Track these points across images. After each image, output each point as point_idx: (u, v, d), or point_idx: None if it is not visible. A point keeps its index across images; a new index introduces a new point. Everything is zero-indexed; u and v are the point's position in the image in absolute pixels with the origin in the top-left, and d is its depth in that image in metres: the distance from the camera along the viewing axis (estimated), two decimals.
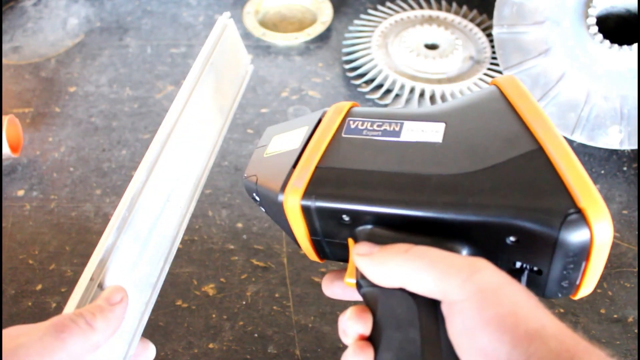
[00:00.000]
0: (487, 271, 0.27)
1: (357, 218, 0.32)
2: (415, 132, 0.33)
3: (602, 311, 0.53)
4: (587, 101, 0.63)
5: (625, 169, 0.65)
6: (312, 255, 0.38)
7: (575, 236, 0.27)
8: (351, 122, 0.35)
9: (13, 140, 0.66)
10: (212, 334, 0.53)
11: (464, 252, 0.30)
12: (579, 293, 0.30)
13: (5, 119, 0.64)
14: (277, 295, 0.55)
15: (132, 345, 0.35)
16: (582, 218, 0.26)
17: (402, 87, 0.71)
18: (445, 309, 0.28)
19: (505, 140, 0.30)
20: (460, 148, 0.31)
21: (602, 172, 0.64)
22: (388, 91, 0.72)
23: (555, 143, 0.29)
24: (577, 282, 0.29)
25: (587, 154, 0.66)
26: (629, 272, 0.56)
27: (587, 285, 0.29)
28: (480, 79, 0.71)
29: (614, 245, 0.58)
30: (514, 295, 0.26)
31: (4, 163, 0.67)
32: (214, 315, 0.54)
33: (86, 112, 0.73)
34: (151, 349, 0.37)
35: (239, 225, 0.60)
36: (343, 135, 0.35)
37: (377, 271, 0.30)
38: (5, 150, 0.63)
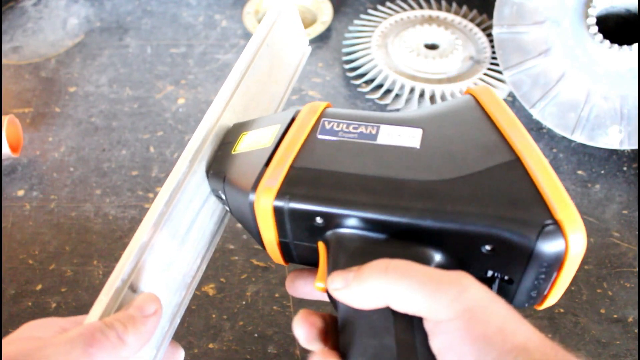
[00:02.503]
0: (473, 289, 0.27)
1: (331, 221, 0.31)
2: (392, 137, 0.32)
3: (602, 311, 0.53)
4: (587, 101, 0.63)
5: (625, 169, 0.65)
6: (278, 258, 0.37)
7: (551, 247, 0.27)
8: (326, 123, 0.34)
9: (13, 140, 0.66)
10: (212, 334, 0.53)
11: (438, 258, 0.30)
12: (545, 303, 0.30)
13: (5, 119, 0.64)
14: (277, 295, 0.55)
15: (161, 349, 0.33)
16: (558, 229, 0.27)
17: (402, 87, 0.71)
18: (429, 326, 0.27)
19: (482, 149, 0.30)
20: (438, 155, 0.31)
21: (602, 172, 0.64)
22: (388, 91, 0.72)
23: (532, 155, 0.29)
24: (545, 293, 0.30)
25: (587, 154, 0.66)
26: (629, 272, 0.56)
27: (554, 295, 0.30)
28: (481, 79, 0.71)
29: (614, 245, 0.58)
30: (500, 312, 0.26)
31: (4, 163, 0.67)
32: (214, 315, 0.54)
33: (86, 112, 0.73)
34: (180, 353, 0.36)
35: (239, 225, 0.60)
36: (318, 136, 0.34)
37: (359, 300, 0.28)
38: (5, 150, 0.63)
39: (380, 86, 0.73)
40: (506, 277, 0.30)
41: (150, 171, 0.66)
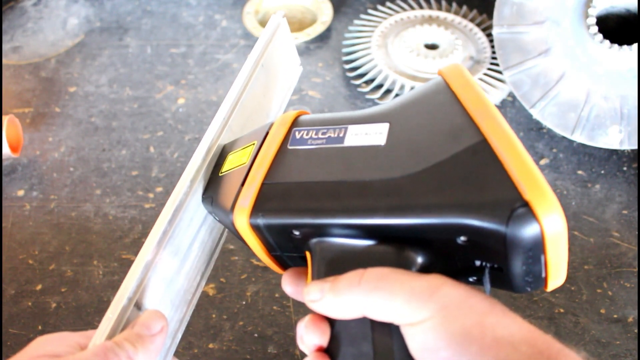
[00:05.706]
0: (446, 288, 0.26)
1: (307, 231, 0.31)
2: (359, 136, 0.32)
3: (602, 311, 0.53)
4: (587, 101, 0.63)
5: (625, 169, 0.65)
6: (278, 270, 0.37)
7: (524, 231, 0.25)
8: (297, 133, 0.34)
9: (13, 140, 0.66)
10: (212, 334, 0.53)
11: (420, 256, 0.29)
12: (549, 285, 0.29)
13: (5, 119, 0.64)
14: (277, 295, 0.55)
15: None
16: (529, 211, 0.25)
17: (402, 87, 0.71)
18: (406, 330, 0.27)
19: (448, 135, 0.29)
20: (403, 149, 0.30)
21: (602, 172, 0.64)
22: (388, 91, 0.72)
23: (499, 133, 0.27)
24: (543, 275, 0.28)
25: (587, 154, 0.66)
26: (629, 272, 0.56)
27: (555, 277, 0.28)
28: (480, 79, 0.71)
29: (614, 245, 0.58)
30: (478, 305, 0.26)
31: (4, 163, 0.67)
32: (214, 315, 0.54)
33: (86, 112, 0.73)
34: None
35: None
36: (289, 147, 0.33)
37: (336, 312, 0.29)
38: (5, 150, 0.63)
39: (380, 86, 0.73)
40: (495, 265, 0.28)
41: (150, 171, 0.66)
